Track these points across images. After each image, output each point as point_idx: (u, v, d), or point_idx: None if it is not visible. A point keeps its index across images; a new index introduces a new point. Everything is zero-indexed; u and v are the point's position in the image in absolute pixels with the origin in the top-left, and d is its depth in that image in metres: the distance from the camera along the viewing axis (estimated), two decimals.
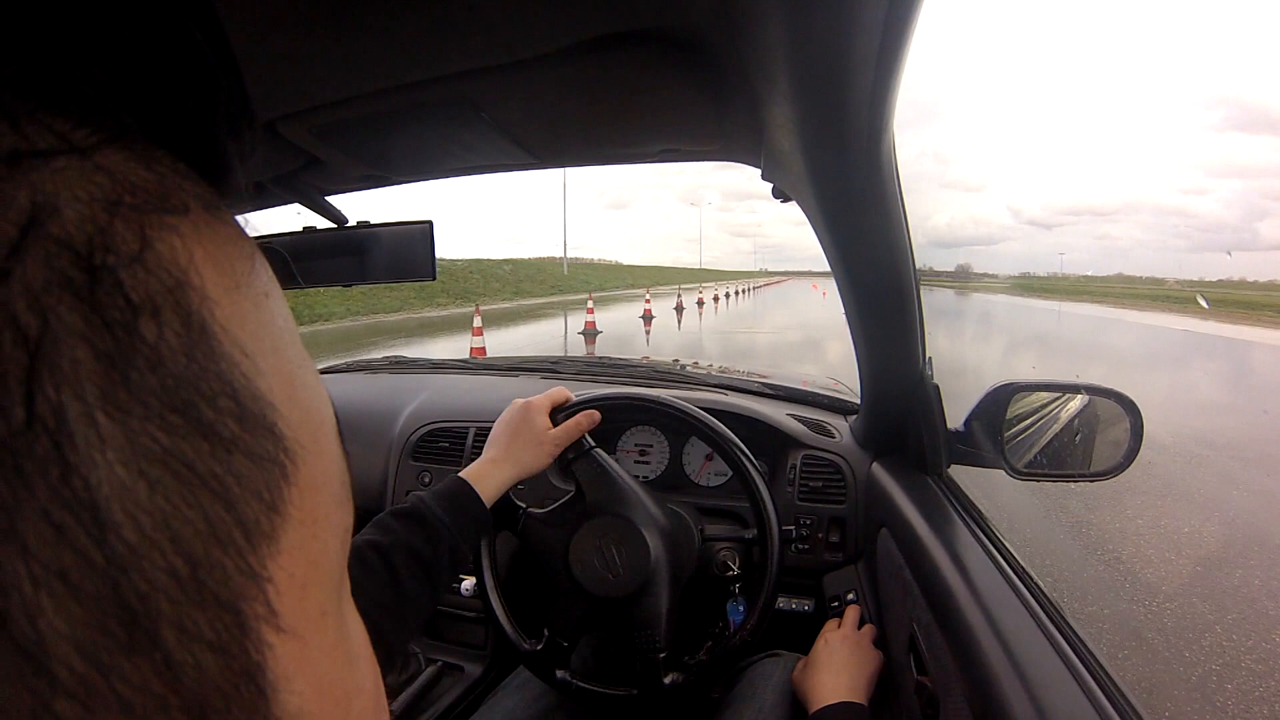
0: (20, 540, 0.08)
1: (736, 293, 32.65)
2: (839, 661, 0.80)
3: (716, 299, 24.60)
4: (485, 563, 0.83)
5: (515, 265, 31.41)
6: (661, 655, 0.77)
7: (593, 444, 0.84)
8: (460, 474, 0.72)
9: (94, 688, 0.09)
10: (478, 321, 8.24)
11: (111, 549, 0.09)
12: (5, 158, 0.09)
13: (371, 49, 0.52)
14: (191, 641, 0.10)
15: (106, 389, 0.09)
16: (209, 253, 0.11)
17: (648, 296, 16.86)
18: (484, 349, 7.60)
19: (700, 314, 17.71)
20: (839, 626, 0.88)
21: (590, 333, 11.59)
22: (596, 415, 0.82)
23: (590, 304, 12.34)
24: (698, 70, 0.54)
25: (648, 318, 14.59)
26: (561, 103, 0.63)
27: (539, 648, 0.82)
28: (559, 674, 0.81)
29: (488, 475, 0.72)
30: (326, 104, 0.62)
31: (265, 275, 0.13)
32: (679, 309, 17.91)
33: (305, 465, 0.12)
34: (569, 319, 14.17)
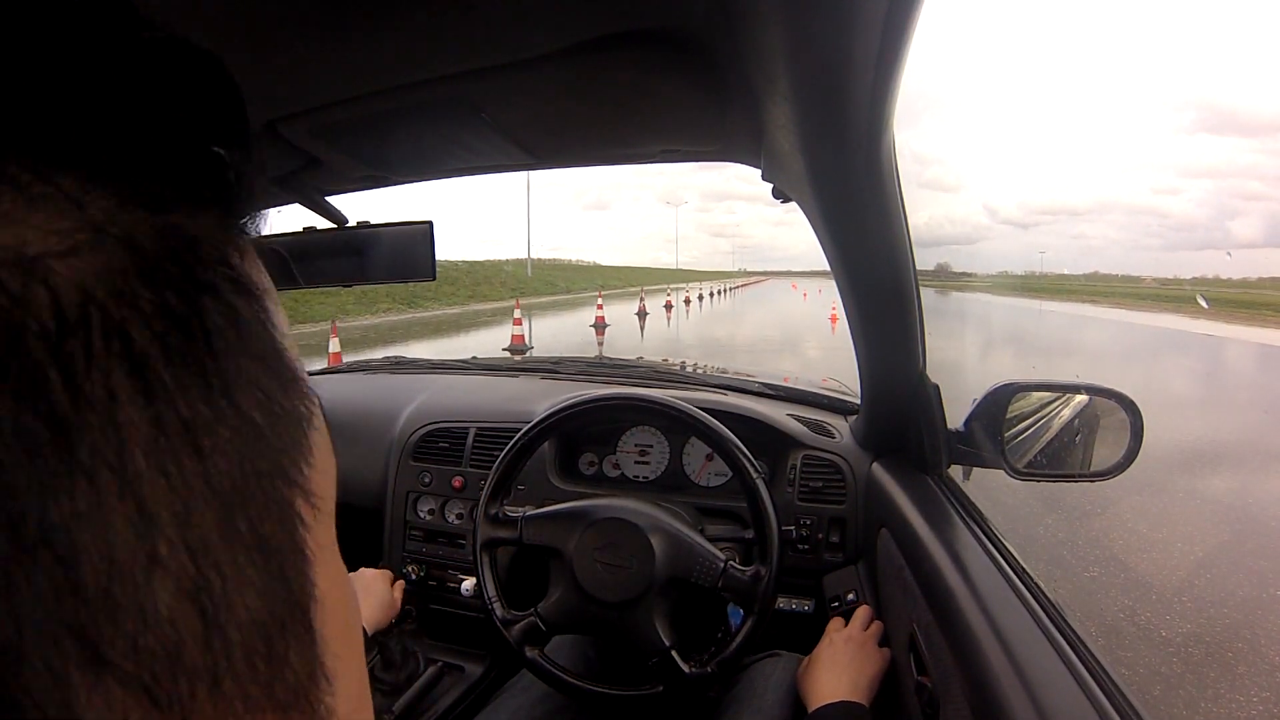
0: (216, 411, 0.14)
1: (712, 294, 30.78)
2: (841, 661, 0.80)
3: (688, 301, 22.71)
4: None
5: (473, 266, 29.06)
6: (674, 650, 0.77)
7: (520, 512, 0.88)
8: None
9: (231, 517, 0.14)
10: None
11: (240, 430, 0.14)
12: (166, 203, 0.14)
13: (371, 50, 0.52)
14: (270, 501, 0.15)
15: (232, 341, 0.14)
16: (255, 267, 0.17)
17: (600, 300, 14.56)
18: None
19: (669, 318, 16.23)
20: (844, 626, 0.87)
21: (600, 326, 11.46)
22: (401, 583, 1.07)
23: (600, 300, 12.04)
24: (698, 71, 0.54)
25: (600, 325, 12.60)
26: (562, 103, 0.63)
27: (518, 619, 0.82)
28: (529, 651, 0.81)
29: None
30: (326, 104, 0.62)
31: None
32: (641, 314, 15.99)
33: (314, 410, 0.17)
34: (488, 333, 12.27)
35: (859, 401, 1.06)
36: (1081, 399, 0.95)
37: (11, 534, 0.10)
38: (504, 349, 8.46)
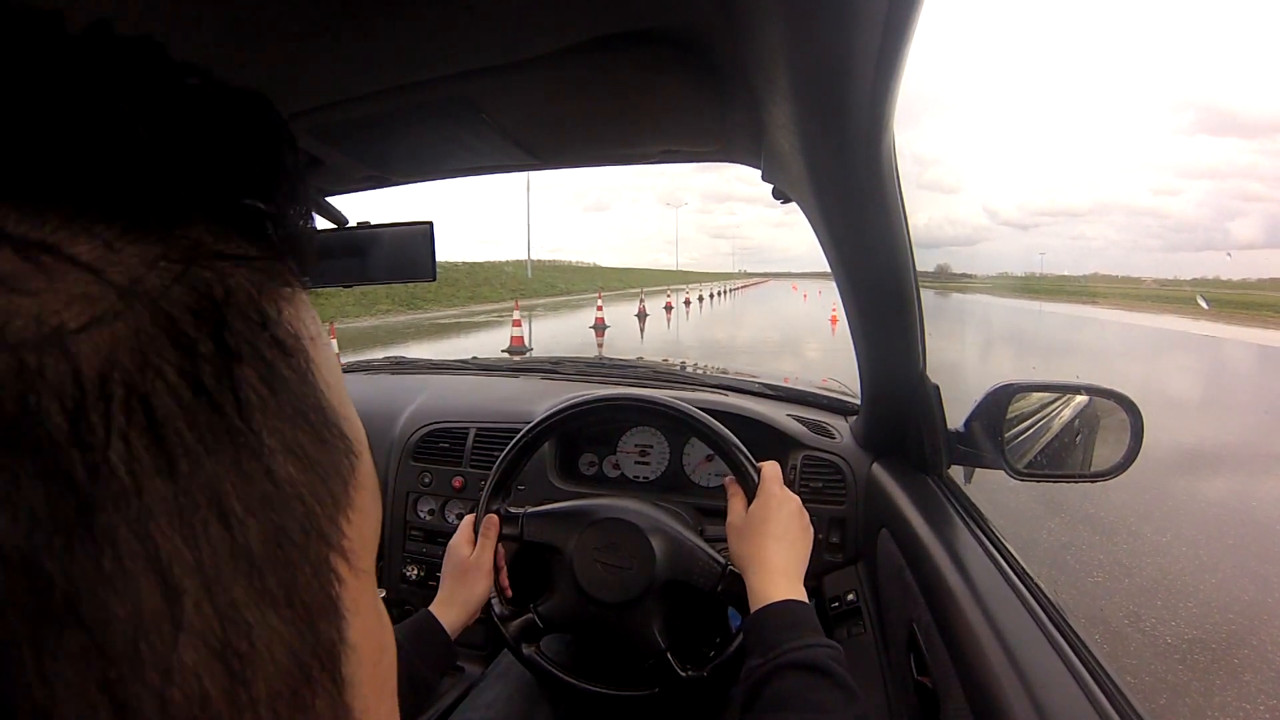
0: (239, 480, 0.13)
1: (713, 295, 30.79)
2: (788, 539, 0.68)
3: (688, 302, 22.88)
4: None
5: (473, 267, 29.00)
6: (729, 569, 0.76)
7: (521, 510, 0.85)
8: (429, 607, 0.76)
9: (261, 576, 0.14)
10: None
11: (274, 492, 0.14)
12: (209, 256, 0.14)
13: (372, 50, 0.52)
14: (304, 560, 0.15)
15: (267, 401, 0.15)
16: (302, 314, 0.17)
17: (599, 302, 14.35)
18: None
19: (669, 320, 16.18)
20: (773, 487, 0.73)
21: (600, 327, 11.51)
22: (494, 519, 0.83)
23: (600, 301, 12.02)
24: (698, 71, 0.54)
25: (599, 327, 12.43)
26: (562, 103, 0.63)
27: (516, 615, 0.81)
28: (525, 648, 0.80)
29: (443, 614, 0.76)
30: (327, 104, 0.62)
31: (322, 326, 0.18)
32: (641, 315, 15.97)
33: (359, 464, 0.17)
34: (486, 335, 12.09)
35: (859, 402, 1.06)
36: (1081, 399, 0.95)
37: (39, 599, 0.11)
38: (503, 350, 8.43)
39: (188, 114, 0.15)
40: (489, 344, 10.74)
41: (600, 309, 13.58)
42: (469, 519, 0.84)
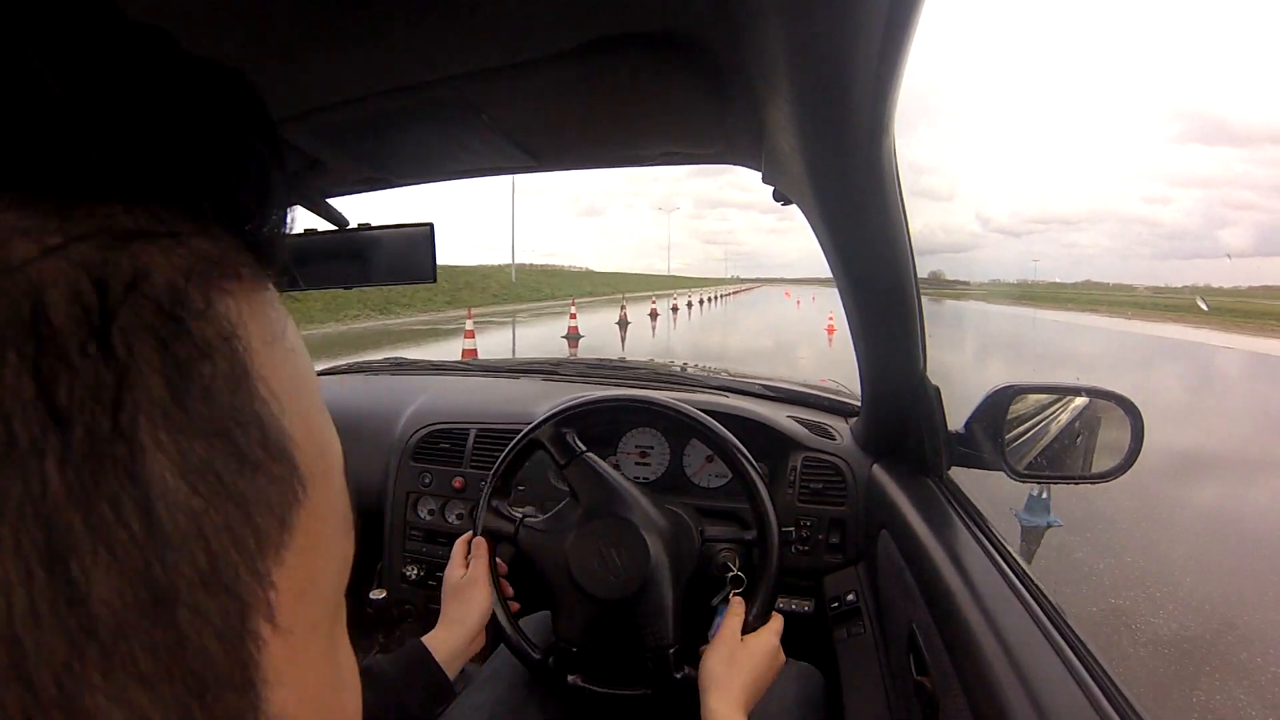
0: (91, 516, 0.11)
1: (703, 301, 29.31)
2: (763, 685, 0.71)
3: (676, 309, 21.63)
4: (489, 575, 0.83)
5: (456, 272, 27.82)
6: (672, 650, 0.76)
7: (583, 448, 0.85)
8: (423, 638, 0.74)
9: (118, 647, 0.11)
10: None
11: (152, 534, 0.11)
12: (120, 234, 0.12)
13: (372, 51, 0.52)
14: (201, 623, 0.12)
15: (169, 410, 0.12)
16: (253, 312, 0.14)
17: (573, 309, 12.92)
18: None
19: (654, 327, 15.46)
20: (774, 639, 0.75)
21: (573, 336, 11.01)
22: (483, 541, 0.82)
23: (573, 309, 11.52)
24: (698, 73, 0.54)
25: (573, 336, 11.44)
26: (562, 105, 0.63)
27: (548, 657, 0.81)
28: (570, 679, 0.80)
29: (441, 641, 0.74)
30: (327, 106, 0.62)
31: (294, 332, 0.16)
32: (622, 323, 14.86)
33: (314, 493, 0.15)
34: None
35: (859, 403, 1.06)
36: (1081, 401, 0.95)
37: None
38: (562, 336, 7.57)
39: (120, 76, 0.13)
40: (453, 351, 10.08)
41: (574, 316, 12.19)
42: (460, 543, 0.84)
